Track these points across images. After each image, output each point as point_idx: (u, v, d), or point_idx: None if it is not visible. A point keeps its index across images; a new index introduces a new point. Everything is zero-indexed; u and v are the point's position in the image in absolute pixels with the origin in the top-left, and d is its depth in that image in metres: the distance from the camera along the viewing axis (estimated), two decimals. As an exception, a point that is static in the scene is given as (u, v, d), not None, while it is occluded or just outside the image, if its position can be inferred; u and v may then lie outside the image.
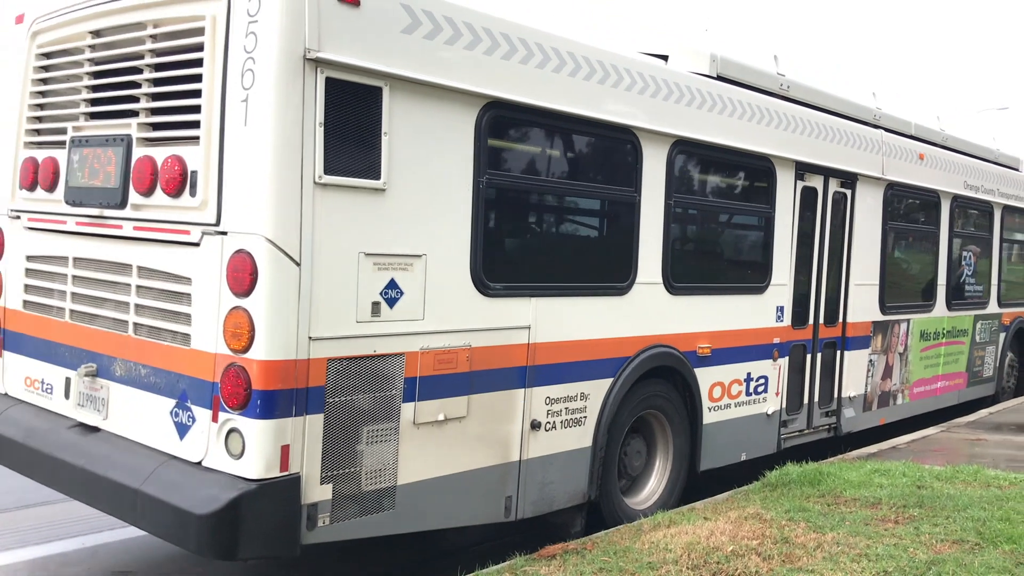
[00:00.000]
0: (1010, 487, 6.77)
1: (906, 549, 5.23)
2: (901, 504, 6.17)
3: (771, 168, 7.31)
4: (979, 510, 6.00)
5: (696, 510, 6.09)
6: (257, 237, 4.11)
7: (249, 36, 4.16)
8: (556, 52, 5.38)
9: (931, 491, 6.54)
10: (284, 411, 4.19)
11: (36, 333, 5.47)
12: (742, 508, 6.02)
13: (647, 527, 5.64)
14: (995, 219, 11.45)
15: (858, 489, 6.55)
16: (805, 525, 5.63)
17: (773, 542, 5.29)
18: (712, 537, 5.32)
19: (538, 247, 5.78)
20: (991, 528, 5.60)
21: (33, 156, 5.45)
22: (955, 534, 5.52)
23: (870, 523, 5.74)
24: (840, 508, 6.11)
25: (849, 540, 5.36)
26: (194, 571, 5.68)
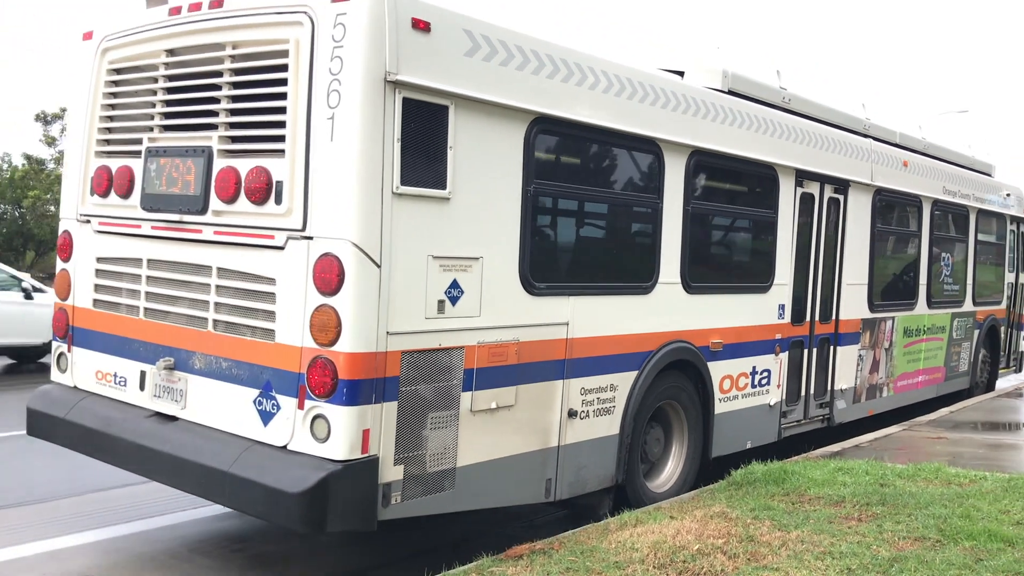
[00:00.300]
0: (970, 484, 6.86)
1: (869, 547, 5.27)
2: (864, 502, 6.22)
3: (775, 176, 7.86)
4: (940, 507, 6.07)
5: (662, 509, 6.15)
6: (344, 242, 4.55)
7: (335, 60, 4.60)
8: (592, 71, 5.87)
9: (893, 489, 6.61)
10: (366, 399, 4.63)
11: (107, 330, 5.86)
12: (708, 507, 6.09)
13: (614, 526, 5.67)
14: (970, 222, 12.12)
15: (822, 487, 6.60)
16: (770, 523, 5.68)
17: (738, 540, 5.32)
18: (678, 536, 5.35)
19: (576, 250, 6.28)
20: (952, 525, 5.66)
21: (106, 165, 5.83)
22: (917, 531, 5.59)
23: (834, 521, 5.80)
24: (804, 506, 6.17)
25: (813, 538, 5.40)
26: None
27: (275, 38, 4.89)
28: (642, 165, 6.51)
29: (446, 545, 6.14)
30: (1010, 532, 5.50)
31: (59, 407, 5.92)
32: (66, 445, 5.95)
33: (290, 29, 4.81)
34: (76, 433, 5.75)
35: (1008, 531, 5.53)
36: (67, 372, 6.15)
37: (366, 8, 4.56)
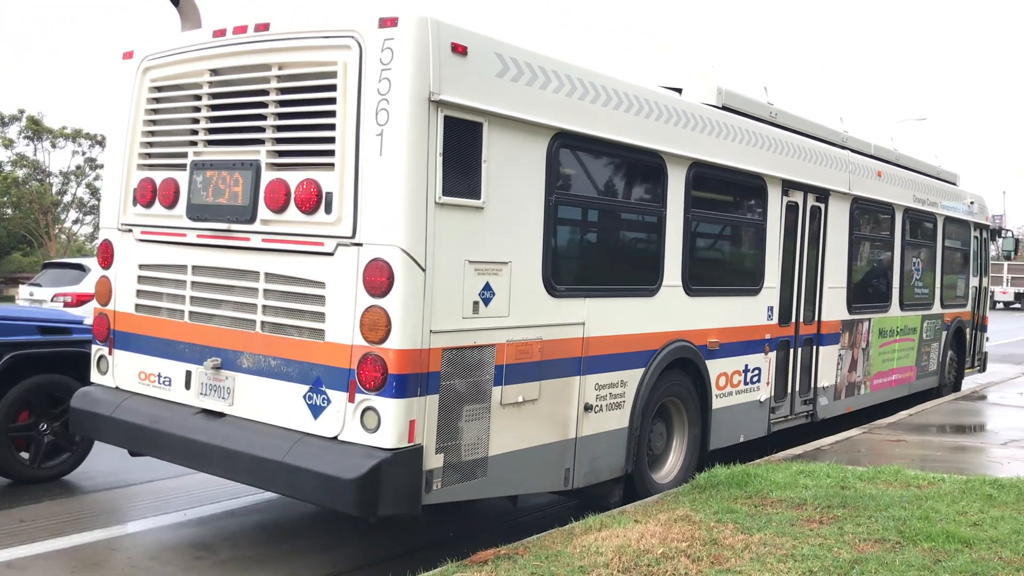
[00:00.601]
0: (929, 487, 6.95)
1: (830, 549, 5.32)
2: (826, 505, 6.29)
3: (764, 186, 8.38)
4: (900, 510, 6.14)
5: (627, 513, 6.19)
6: (393, 248, 4.96)
7: (383, 81, 5.02)
8: (605, 89, 6.34)
9: (854, 492, 6.68)
10: (412, 392, 5.04)
11: (151, 333, 6.20)
12: (672, 510, 6.13)
13: (578, 531, 5.72)
14: (938, 229, 12.77)
15: (784, 490, 6.65)
16: (733, 526, 5.73)
17: (702, 544, 5.37)
18: (642, 540, 5.38)
19: (591, 254, 6.76)
20: (911, 527, 5.73)
21: (150, 177, 6.19)
22: (877, 533, 5.64)
23: (796, 524, 5.85)
24: (767, 509, 6.21)
25: (776, 541, 5.45)
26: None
27: (323, 60, 5.29)
28: (648, 176, 6.98)
29: (426, 546, 6.26)
30: (967, 533, 5.61)
31: (104, 406, 6.25)
32: (112, 442, 6.30)
33: (338, 52, 5.21)
34: (123, 430, 6.08)
35: (965, 532, 5.63)
36: (108, 373, 6.48)
37: (412, 34, 4.99)
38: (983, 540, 5.49)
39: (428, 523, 6.60)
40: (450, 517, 6.82)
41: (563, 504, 7.28)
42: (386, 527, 6.56)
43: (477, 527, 6.82)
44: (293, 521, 6.82)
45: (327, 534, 6.55)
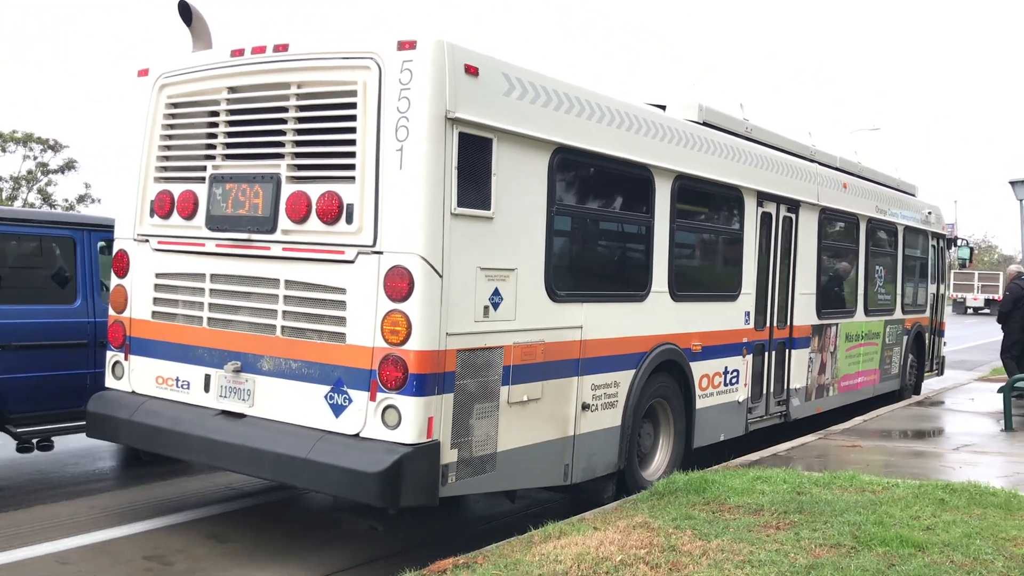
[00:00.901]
0: (883, 491, 7.02)
1: (787, 554, 5.37)
2: (782, 510, 6.33)
3: (741, 197, 8.85)
4: (855, 515, 6.21)
5: (586, 520, 6.23)
6: (414, 256, 5.31)
7: (402, 100, 5.37)
8: (599, 107, 6.74)
9: (810, 497, 6.74)
10: (431, 390, 5.38)
11: (168, 338, 6.46)
12: (631, 517, 6.17)
13: (538, 539, 5.73)
14: (899, 238, 13.38)
15: (741, 496, 6.71)
16: (691, 533, 5.77)
17: (660, 550, 5.40)
18: (601, 547, 5.42)
19: (588, 261, 7.16)
20: (866, 532, 5.80)
21: (168, 189, 6.46)
22: (833, 538, 5.70)
23: (753, 529, 5.90)
24: (724, 515, 6.26)
25: (733, 547, 5.49)
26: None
27: (342, 79, 5.63)
28: (638, 188, 7.40)
29: (392, 554, 6.28)
30: (920, 537, 5.70)
31: (122, 410, 6.50)
32: (132, 443, 6.58)
33: (358, 72, 5.55)
34: (143, 432, 6.34)
35: (919, 536, 5.72)
36: (123, 378, 6.72)
37: (430, 56, 5.35)
38: (935, 544, 5.60)
39: (389, 531, 6.76)
40: (421, 523, 6.99)
41: (530, 509, 7.55)
42: (346, 537, 6.66)
43: (450, 532, 6.94)
44: (244, 533, 6.66)
45: (282, 551, 6.27)
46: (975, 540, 5.68)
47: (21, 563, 5.85)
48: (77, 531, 6.48)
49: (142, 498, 7.45)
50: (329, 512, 7.21)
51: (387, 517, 6.79)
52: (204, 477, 8.13)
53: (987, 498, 6.78)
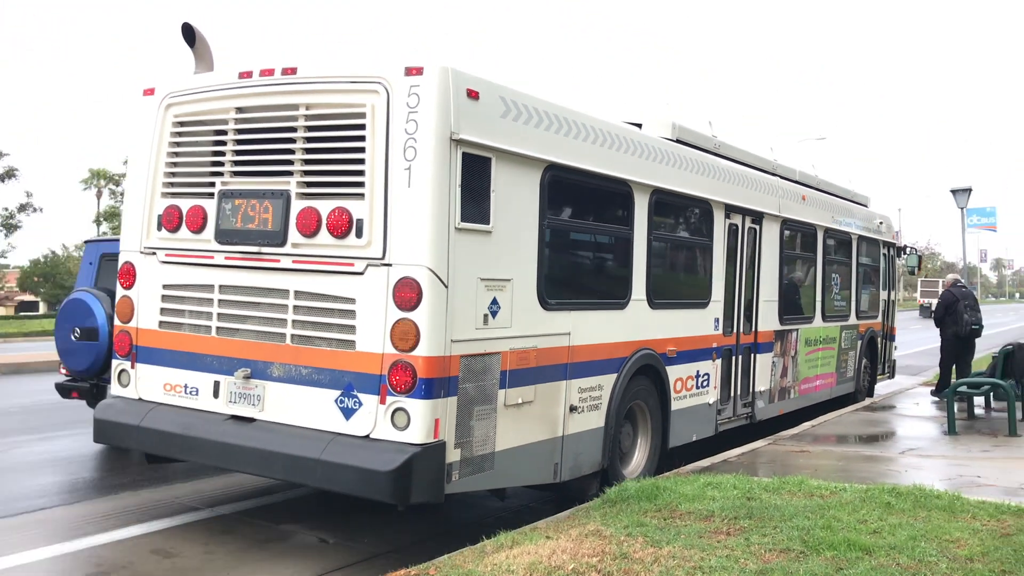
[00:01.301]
0: (831, 496, 7.08)
1: (737, 560, 5.39)
2: (732, 516, 6.37)
3: (711, 210, 9.36)
4: (804, 519, 6.25)
5: (538, 529, 6.26)
6: (422, 268, 5.68)
7: (410, 122, 5.74)
8: (585, 127, 7.18)
9: (760, 502, 6.77)
10: (437, 394, 5.75)
11: (176, 347, 6.74)
12: (583, 525, 6.20)
13: (490, 548, 5.74)
14: (853, 247, 14.03)
15: (692, 503, 6.74)
16: (643, 540, 5.78)
17: (612, 558, 5.41)
18: (554, 556, 5.44)
19: (576, 271, 7.60)
20: (814, 536, 5.83)
21: (176, 204, 6.75)
22: (782, 543, 5.72)
23: (704, 536, 5.93)
24: (676, 522, 6.28)
25: (684, 553, 5.50)
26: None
27: (351, 102, 5.99)
28: (619, 202, 7.85)
29: (354, 563, 6.35)
30: (868, 541, 5.76)
31: (131, 416, 6.76)
32: (142, 448, 6.84)
33: (366, 96, 5.92)
34: (154, 437, 6.61)
35: (866, 540, 5.77)
36: (129, 386, 6.98)
37: (436, 81, 5.74)
38: (882, 547, 5.66)
39: (340, 544, 6.74)
40: (374, 534, 7.01)
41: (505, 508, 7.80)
42: (296, 551, 6.58)
43: (410, 540, 6.94)
44: (192, 548, 6.60)
45: (232, 567, 6.24)
46: (920, 542, 5.78)
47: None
48: (22, 547, 6.47)
49: (86, 513, 7.45)
50: (278, 526, 7.18)
51: (337, 530, 6.95)
52: (151, 491, 8.14)
53: (932, 501, 6.90)
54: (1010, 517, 6.42)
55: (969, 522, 6.31)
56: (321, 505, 7.83)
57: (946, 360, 14.49)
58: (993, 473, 8.53)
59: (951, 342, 14.29)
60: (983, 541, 5.83)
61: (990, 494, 7.44)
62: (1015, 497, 7.23)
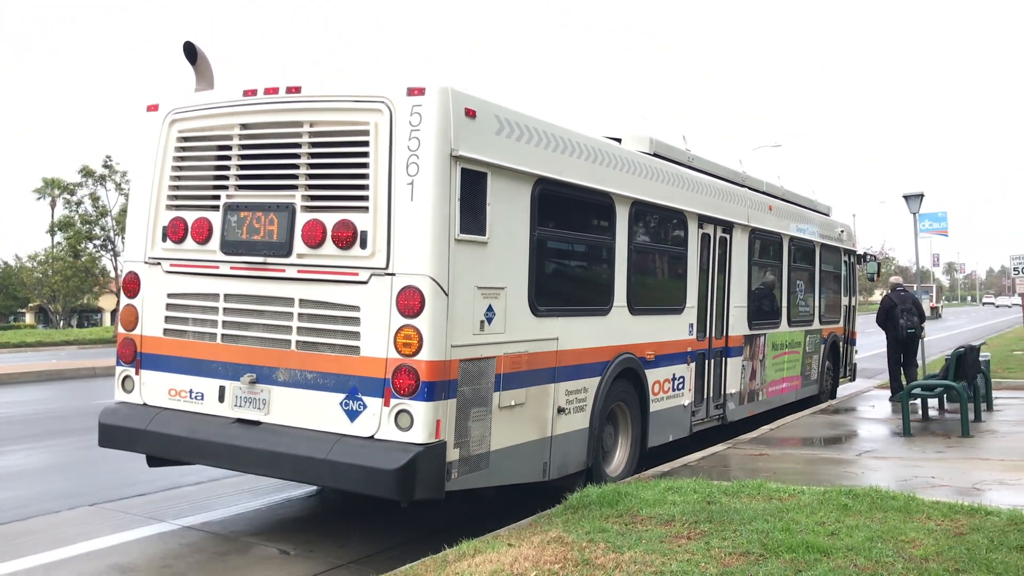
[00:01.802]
0: (789, 499, 7.13)
1: (698, 564, 5.42)
2: (693, 520, 6.41)
3: (685, 220, 9.80)
4: (763, 522, 6.29)
5: (500, 537, 6.26)
6: (424, 277, 6.02)
7: (412, 140, 6.09)
8: (571, 142, 7.57)
9: (720, 506, 6.82)
10: (439, 396, 6.08)
11: (181, 353, 7.00)
12: (545, 532, 6.24)
13: (452, 557, 5.77)
14: (816, 255, 14.58)
15: (653, 507, 6.77)
16: (604, 546, 5.80)
17: (574, 565, 5.44)
18: (516, 564, 5.44)
19: (563, 279, 7.98)
20: (773, 539, 5.87)
21: (181, 216, 7.02)
22: (742, 547, 5.75)
23: (665, 540, 5.95)
24: (637, 527, 6.30)
25: (646, 558, 5.52)
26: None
27: (355, 120, 6.31)
28: (603, 213, 8.25)
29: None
30: (826, 543, 5.81)
31: (137, 421, 7.01)
32: (147, 452, 7.08)
33: (369, 114, 6.25)
34: (161, 441, 6.86)
35: (824, 542, 5.83)
36: (134, 391, 7.22)
37: (437, 101, 6.09)
38: (840, 549, 5.71)
39: (301, 555, 6.74)
40: (336, 545, 7.02)
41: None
42: (257, 563, 6.56)
43: (377, 549, 6.98)
44: (150, 562, 6.65)
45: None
46: (877, 543, 5.84)
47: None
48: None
49: (38, 528, 7.47)
50: (238, 538, 7.19)
51: (298, 541, 7.03)
52: (106, 504, 8.14)
53: (887, 502, 6.97)
54: (963, 517, 6.58)
55: (924, 522, 6.44)
56: (281, 517, 7.95)
57: (891, 362, 15.17)
58: (947, 473, 8.78)
59: (892, 346, 15.01)
60: (937, 541, 5.95)
61: (944, 494, 7.66)
62: (968, 497, 7.47)
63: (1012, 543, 5.83)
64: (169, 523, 7.55)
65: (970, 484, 8.25)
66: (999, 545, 5.79)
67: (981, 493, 7.78)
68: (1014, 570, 5.30)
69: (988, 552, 5.64)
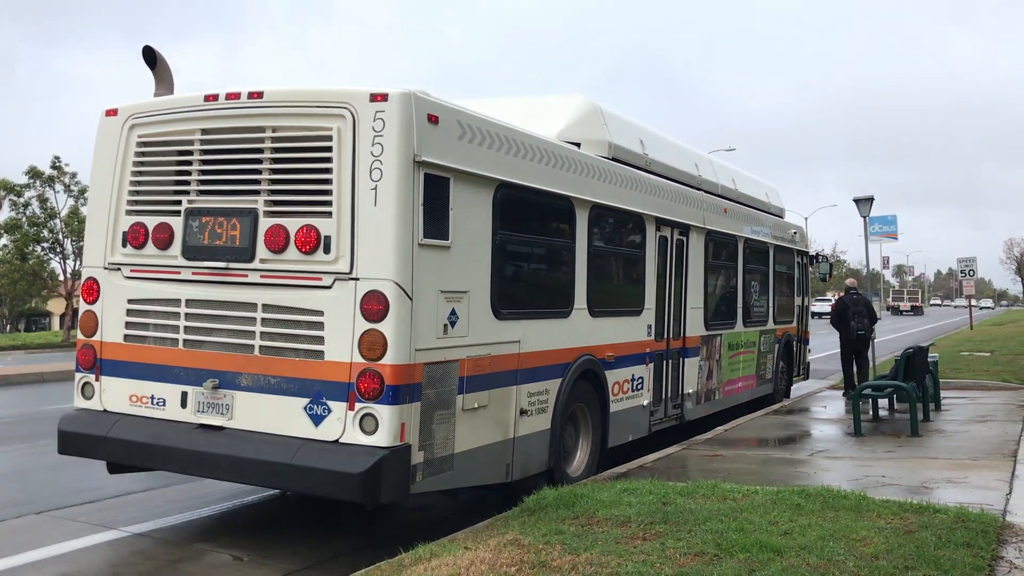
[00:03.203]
0: (743, 499, 7.19)
1: (653, 565, 5.44)
2: (648, 521, 6.45)
3: (643, 223, 9.95)
4: (717, 523, 6.35)
5: (457, 540, 6.28)
6: (388, 282, 6.07)
7: (376, 145, 6.13)
8: (531, 147, 7.66)
9: (675, 507, 6.85)
10: (403, 399, 6.13)
11: (142, 359, 6.97)
12: (501, 535, 6.22)
13: (408, 561, 5.75)
14: (770, 256, 14.85)
15: (609, 509, 6.80)
16: (561, 548, 5.83)
17: (531, 567, 5.45)
18: (472, 567, 5.46)
19: (525, 283, 8.07)
20: (728, 539, 5.92)
21: (141, 221, 6.99)
22: (697, 547, 5.79)
23: (620, 541, 5.97)
24: (593, 528, 6.32)
25: (601, 559, 5.54)
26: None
27: (318, 126, 6.34)
28: (563, 217, 8.36)
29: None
30: (779, 542, 5.86)
31: (97, 427, 6.96)
32: (108, 458, 7.04)
33: (332, 120, 6.28)
34: (122, 448, 6.82)
35: (777, 541, 5.89)
36: (94, 398, 7.17)
37: (398, 107, 6.14)
38: (793, 548, 5.76)
39: (254, 560, 6.71)
40: (288, 550, 7.00)
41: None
42: (211, 569, 6.52)
43: (332, 553, 6.97)
44: (99, 570, 6.57)
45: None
46: (829, 542, 5.91)
47: None
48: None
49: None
50: (191, 544, 7.11)
51: (252, 548, 6.95)
52: (53, 512, 8.00)
53: (839, 501, 7.07)
54: (912, 515, 6.70)
55: (874, 521, 6.52)
56: (234, 523, 7.92)
57: (845, 362, 15.99)
58: (897, 472, 8.89)
59: (845, 346, 15.81)
60: (887, 539, 6.02)
61: (894, 493, 7.78)
62: (917, 495, 7.60)
63: (959, 540, 5.97)
64: (119, 530, 7.43)
65: (919, 483, 8.41)
66: (947, 542, 5.91)
67: (929, 491, 7.96)
68: (961, 566, 5.43)
69: (936, 549, 5.77)
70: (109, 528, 7.50)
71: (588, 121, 9.35)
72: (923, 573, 5.32)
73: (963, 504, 7.07)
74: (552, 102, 9.61)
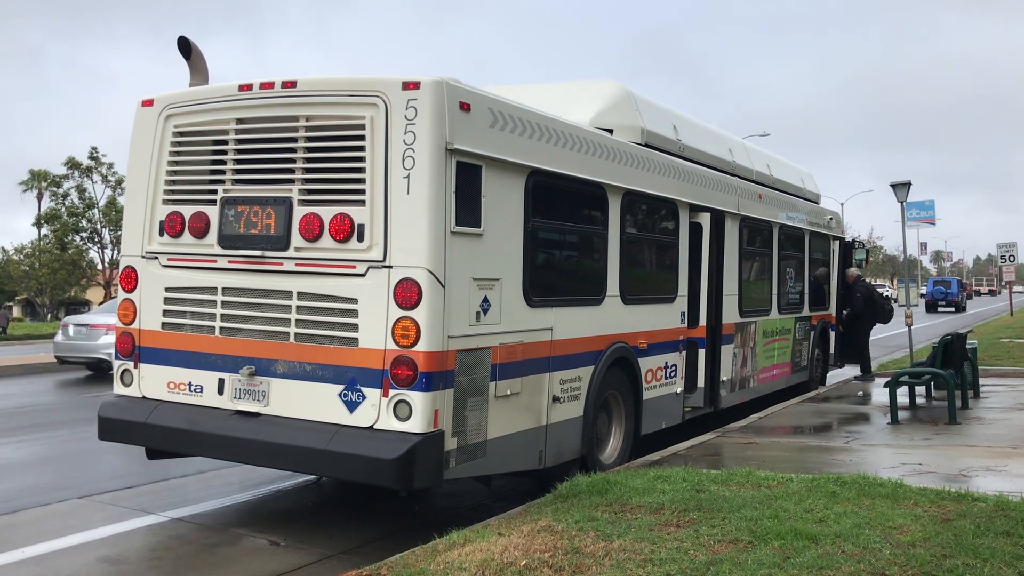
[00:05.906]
0: (778, 486, 7.17)
1: (687, 552, 5.45)
2: (682, 508, 6.46)
3: (676, 209, 9.89)
4: (751, 510, 6.34)
5: (491, 526, 6.29)
6: (421, 270, 6.09)
7: (408, 133, 6.15)
8: (563, 134, 7.64)
9: (709, 494, 6.86)
10: (437, 386, 6.17)
11: (180, 347, 7.06)
12: (535, 521, 6.26)
13: (442, 547, 5.77)
14: (805, 242, 14.70)
15: (643, 496, 6.80)
16: (594, 534, 5.83)
17: (564, 553, 5.45)
18: (506, 553, 5.47)
19: (557, 270, 8.06)
20: (762, 526, 5.91)
21: (178, 211, 7.07)
22: (731, 534, 5.78)
23: (654, 528, 5.97)
24: (627, 515, 6.32)
25: (635, 546, 5.54)
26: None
27: (351, 114, 6.37)
28: (595, 204, 8.33)
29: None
30: (814, 530, 5.86)
31: (136, 414, 7.07)
32: (147, 444, 7.16)
33: (365, 108, 6.30)
34: (161, 434, 6.93)
35: (812, 529, 5.88)
36: (132, 385, 7.28)
37: (430, 95, 6.15)
38: (828, 535, 5.75)
39: (292, 546, 6.74)
40: (324, 535, 7.04)
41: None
42: (247, 554, 6.59)
43: (367, 539, 7.01)
44: (139, 555, 6.66)
45: (182, 571, 6.31)
46: (864, 530, 5.88)
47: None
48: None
49: (29, 521, 7.46)
50: (228, 529, 7.19)
51: (288, 532, 7.03)
52: (95, 497, 8.08)
53: (875, 489, 7.02)
54: (950, 503, 6.65)
55: (911, 509, 6.48)
56: (271, 509, 7.98)
57: (865, 346, 16.98)
58: (934, 460, 8.82)
59: (869, 330, 16.89)
60: (924, 527, 5.98)
61: (931, 481, 7.71)
62: (955, 483, 7.52)
63: (998, 529, 5.90)
64: (159, 515, 7.56)
65: (957, 471, 8.33)
66: (985, 531, 5.85)
67: (968, 479, 7.87)
68: (1000, 555, 5.37)
69: (974, 538, 5.70)
70: (148, 513, 7.63)
71: (620, 107, 9.31)
72: (961, 562, 5.26)
73: (1003, 492, 6.98)
74: (583, 88, 9.59)
